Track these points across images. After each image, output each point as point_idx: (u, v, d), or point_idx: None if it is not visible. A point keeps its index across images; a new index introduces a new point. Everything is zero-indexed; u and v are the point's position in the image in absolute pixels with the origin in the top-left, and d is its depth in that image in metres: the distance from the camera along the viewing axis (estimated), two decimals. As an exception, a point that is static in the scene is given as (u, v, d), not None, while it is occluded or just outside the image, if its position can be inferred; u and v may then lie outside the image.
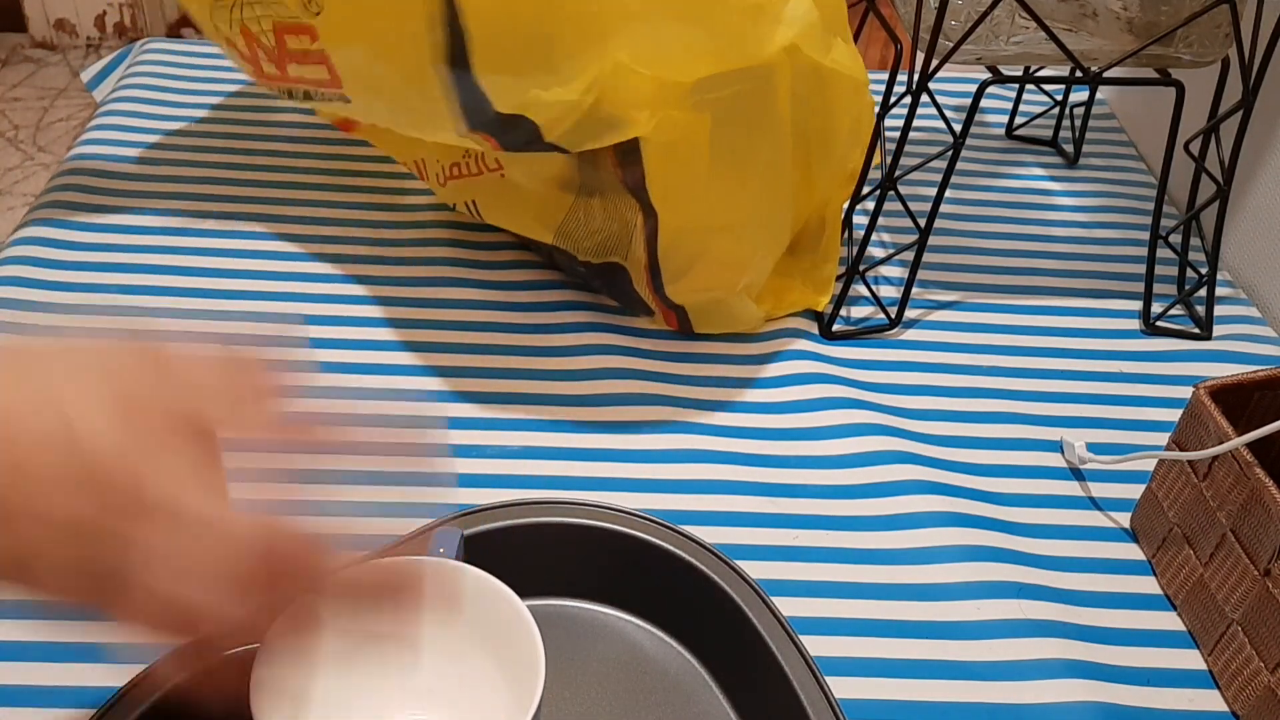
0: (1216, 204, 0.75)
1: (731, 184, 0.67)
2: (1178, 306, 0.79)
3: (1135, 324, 0.78)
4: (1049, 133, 0.97)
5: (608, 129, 0.61)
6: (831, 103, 0.68)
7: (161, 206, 0.82)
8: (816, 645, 0.55)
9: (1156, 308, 0.79)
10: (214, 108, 0.94)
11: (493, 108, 0.60)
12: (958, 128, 0.71)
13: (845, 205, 0.76)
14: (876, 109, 0.75)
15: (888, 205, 0.75)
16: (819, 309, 0.76)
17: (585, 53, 0.57)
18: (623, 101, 0.59)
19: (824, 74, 0.65)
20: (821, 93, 0.67)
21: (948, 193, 0.74)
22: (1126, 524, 0.64)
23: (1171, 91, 0.72)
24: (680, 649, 0.55)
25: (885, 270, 0.81)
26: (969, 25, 0.65)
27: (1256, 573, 0.52)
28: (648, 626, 0.56)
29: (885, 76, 0.81)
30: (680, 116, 0.62)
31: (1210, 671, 0.56)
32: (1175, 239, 0.81)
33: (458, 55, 0.59)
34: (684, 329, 0.74)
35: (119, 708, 0.46)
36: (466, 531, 0.52)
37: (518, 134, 0.61)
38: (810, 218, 0.76)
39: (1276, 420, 0.52)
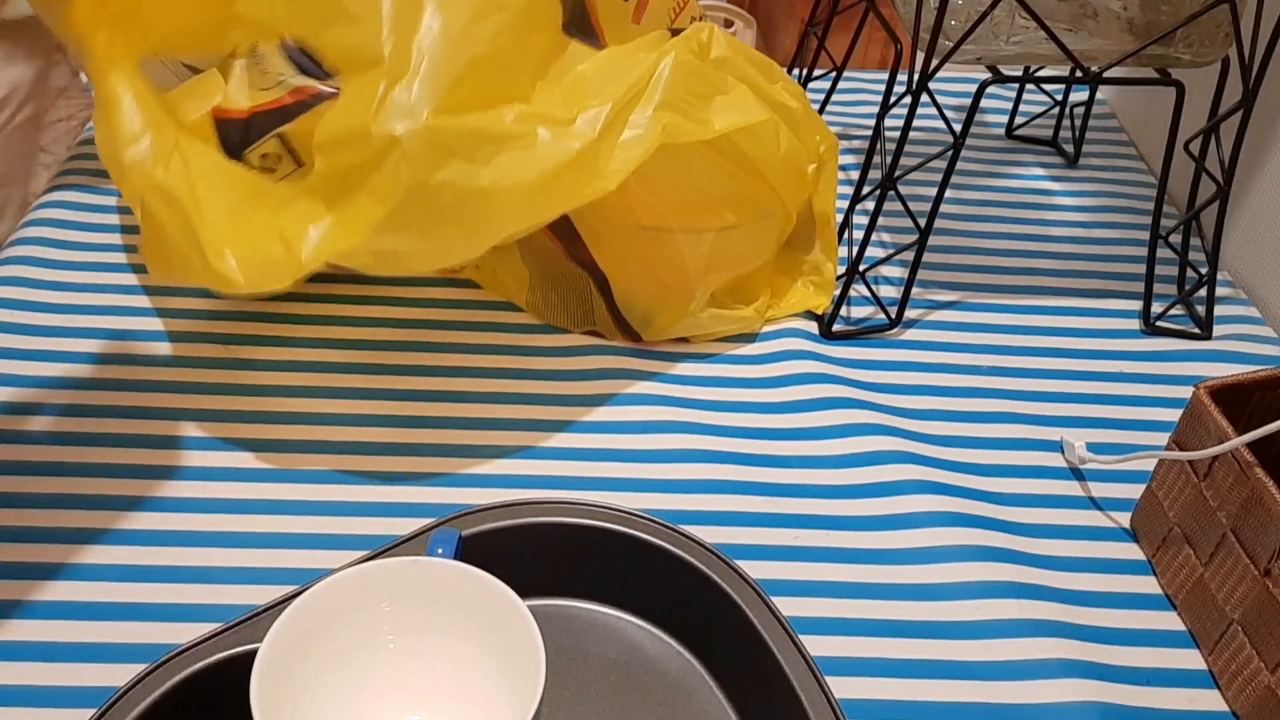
0: (1216, 204, 0.75)
1: (665, 235, 0.68)
2: (1178, 306, 0.79)
3: (1135, 324, 0.78)
4: (1049, 133, 0.97)
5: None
6: (743, 146, 0.66)
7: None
8: (816, 645, 0.55)
9: (1156, 308, 0.79)
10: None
11: None
12: (958, 128, 0.71)
13: (845, 205, 0.76)
14: (876, 109, 0.75)
15: (888, 205, 0.75)
16: (819, 310, 0.76)
17: None
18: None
19: (719, 142, 0.64)
20: (731, 146, 0.66)
21: (948, 193, 0.74)
22: (1126, 524, 0.64)
23: (1171, 91, 0.72)
24: (680, 649, 0.55)
25: (885, 270, 0.81)
26: (969, 25, 0.65)
27: (1256, 573, 0.52)
28: (648, 626, 0.56)
29: (885, 76, 0.81)
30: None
31: (1210, 671, 0.56)
32: (1175, 239, 0.81)
33: None
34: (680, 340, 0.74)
35: (119, 708, 0.46)
36: (466, 531, 0.52)
37: None
38: (800, 215, 0.76)
39: (1276, 420, 0.52)
